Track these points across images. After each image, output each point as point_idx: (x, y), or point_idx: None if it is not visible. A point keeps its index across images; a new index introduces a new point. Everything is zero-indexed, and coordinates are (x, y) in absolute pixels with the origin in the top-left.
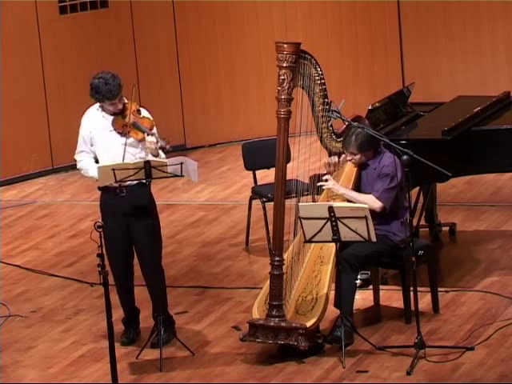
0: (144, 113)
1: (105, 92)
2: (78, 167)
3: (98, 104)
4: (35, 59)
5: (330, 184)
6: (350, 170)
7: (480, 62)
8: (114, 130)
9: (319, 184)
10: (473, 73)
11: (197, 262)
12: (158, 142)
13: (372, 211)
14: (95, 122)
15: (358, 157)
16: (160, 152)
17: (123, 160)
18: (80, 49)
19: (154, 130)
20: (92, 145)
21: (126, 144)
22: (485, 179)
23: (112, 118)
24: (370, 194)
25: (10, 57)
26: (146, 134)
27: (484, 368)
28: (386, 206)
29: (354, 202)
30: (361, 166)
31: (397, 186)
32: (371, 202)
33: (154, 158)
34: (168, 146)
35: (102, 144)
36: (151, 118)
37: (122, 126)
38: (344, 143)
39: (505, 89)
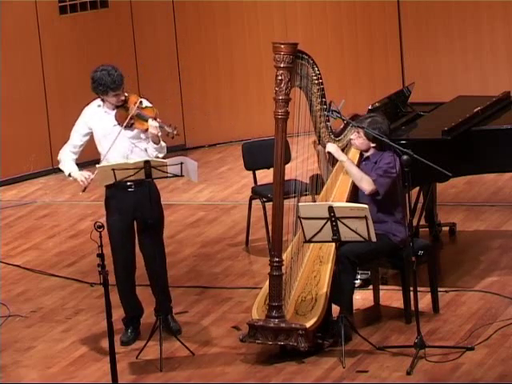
0: (146, 103)
1: (109, 83)
2: (58, 157)
3: (97, 101)
4: (35, 59)
5: (332, 148)
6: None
7: (480, 62)
8: (118, 124)
9: (324, 145)
10: (473, 73)
11: (197, 262)
12: (163, 128)
13: (370, 211)
14: (97, 119)
15: (360, 139)
16: (161, 142)
17: (106, 151)
18: (80, 49)
19: (158, 120)
20: (82, 141)
21: (119, 134)
22: (485, 179)
23: (114, 112)
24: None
25: (10, 57)
26: (150, 120)
27: (484, 368)
28: (379, 192)
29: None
30: (361, 158)
31: (394, 178)
32: (366, 181)
33: (154, 158)
34: (175, 132)
35: (106, 140)
36: (154, 107)
37: (126, 119)
38: (357, 120)
39: (505, 89)
